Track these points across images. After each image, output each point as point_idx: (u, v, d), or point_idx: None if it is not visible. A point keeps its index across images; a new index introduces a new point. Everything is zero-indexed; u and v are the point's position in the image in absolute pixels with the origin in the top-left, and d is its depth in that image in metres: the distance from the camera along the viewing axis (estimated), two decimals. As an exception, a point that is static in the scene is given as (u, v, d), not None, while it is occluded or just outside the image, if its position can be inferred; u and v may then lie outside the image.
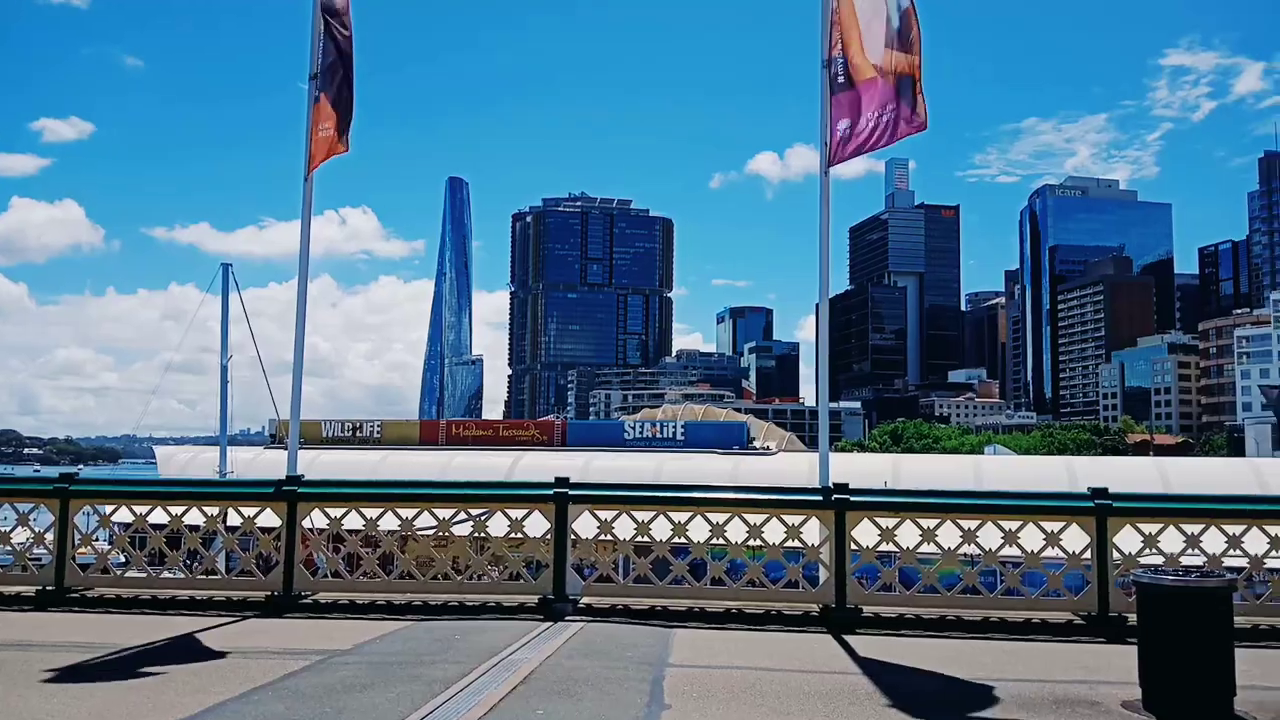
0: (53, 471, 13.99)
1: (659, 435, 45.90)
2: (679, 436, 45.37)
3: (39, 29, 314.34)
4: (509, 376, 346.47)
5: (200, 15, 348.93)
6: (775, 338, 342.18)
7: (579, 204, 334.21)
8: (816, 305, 10.72)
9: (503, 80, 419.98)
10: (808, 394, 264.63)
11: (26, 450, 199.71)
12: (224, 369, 27.24)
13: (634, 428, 48.17)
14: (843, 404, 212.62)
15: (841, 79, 9.30)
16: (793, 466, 36.75)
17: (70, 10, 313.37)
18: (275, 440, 40.71)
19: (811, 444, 63.88)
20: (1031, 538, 9.32)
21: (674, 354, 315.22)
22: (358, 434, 45.91)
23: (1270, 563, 9.28)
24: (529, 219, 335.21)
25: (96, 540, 11.94)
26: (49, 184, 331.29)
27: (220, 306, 27.49)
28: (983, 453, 66.59)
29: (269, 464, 38.21)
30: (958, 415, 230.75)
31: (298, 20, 10.34)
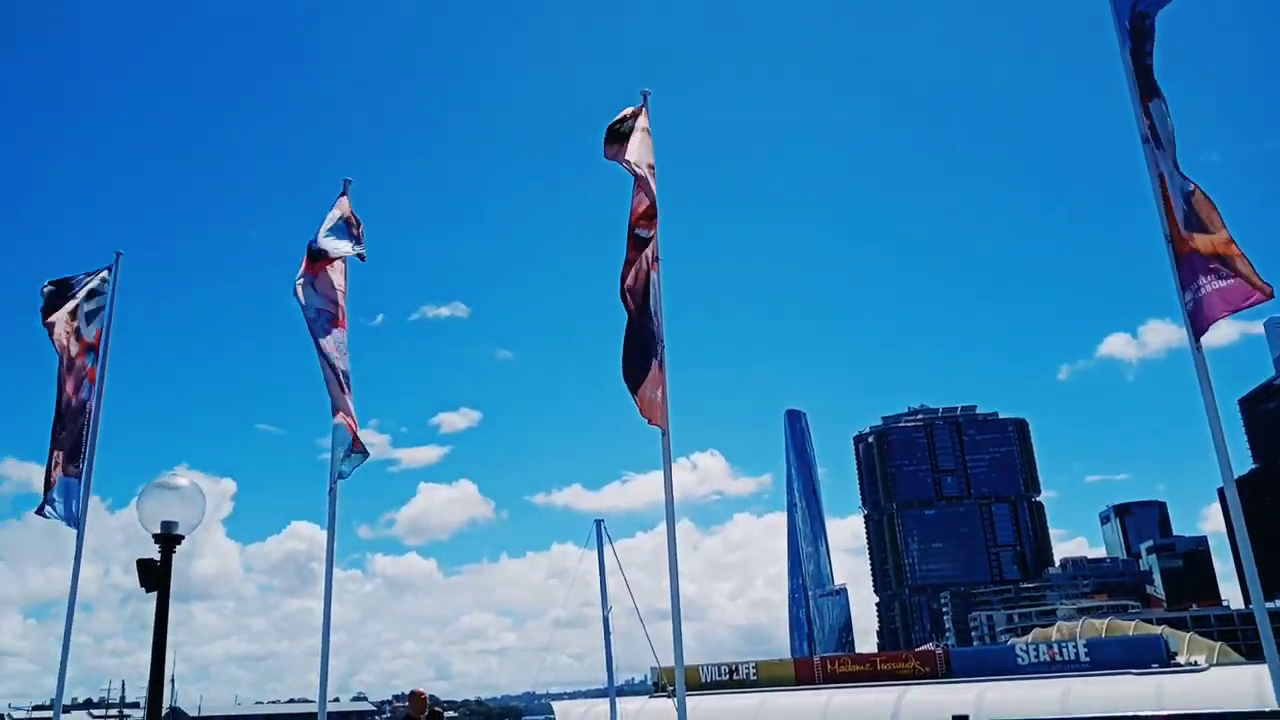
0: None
1: (1058, 658, 41.19)
2: (1082, 657, 40.42)
3: (434, 338, 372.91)
4: (876, 604, 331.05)
5: (562, 318, 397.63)
6: (1175, 533, 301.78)
7: (920, 417, 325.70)
8: (1220, 491, 9.54)
9: (827, 309, 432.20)
10: (1230, 594, 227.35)
11: (446, 714, 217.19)
12: (605, 621, 28.65)
13: (1027, 651, 43.67)
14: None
15: (1176, 249, 8.82)
16: (1233, 684, 31.11)
17: (455, 321, 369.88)
18: (658, 689, 41.44)
19: (1250, 654, 54.13)
20: None
21: (1058, 564, 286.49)
22: (734, 676, 45.60)
23: None
24: (870, 439, 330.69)
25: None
26: (448, 469, 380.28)
27: (596, 561, 29.47)
28: None
29: (655, 714, 38.76)
30: None
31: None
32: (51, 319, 13.69)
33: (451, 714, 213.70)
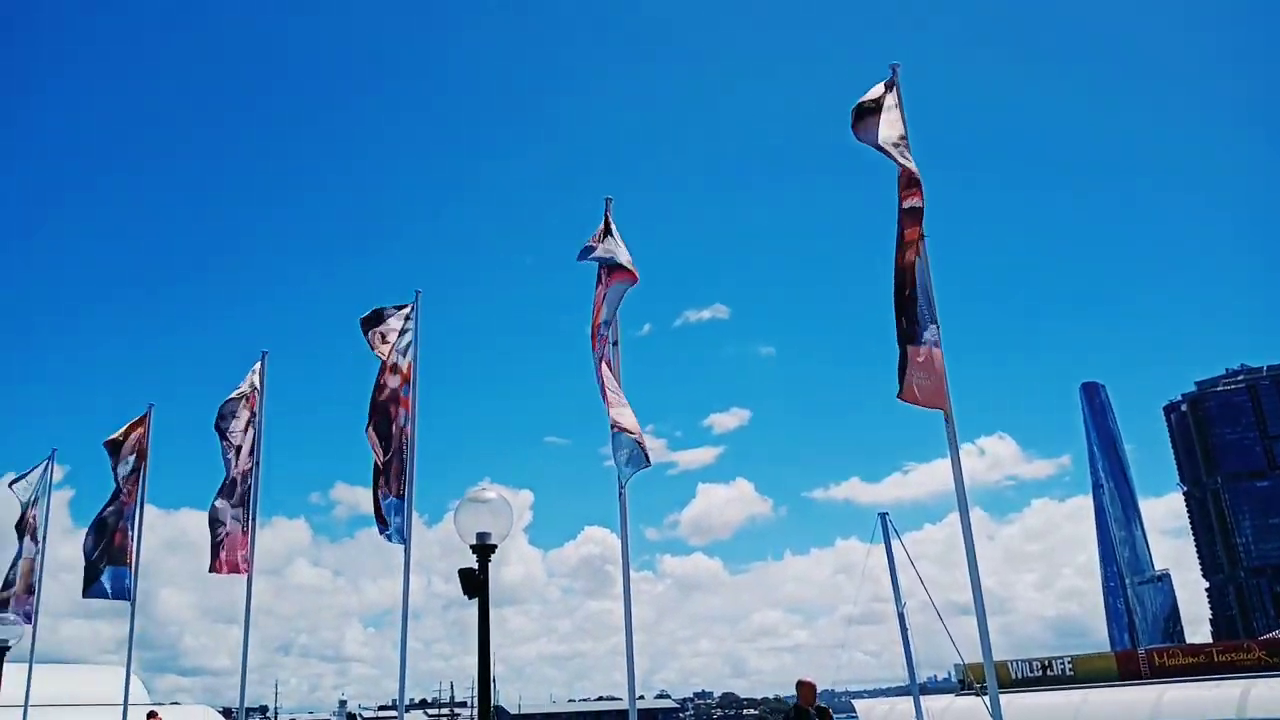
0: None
1: None
2: None
3: (698, 341, 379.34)
4: (1206, 590, 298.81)
5: (822, 309, 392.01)
6: None
7: (1241, 378, 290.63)
8: None
9: (1116, 272, 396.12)
10: None
11: (745, 711, 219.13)
12: (901, 617, 27.80)
13: (1404, 637, 37.74)
14: None
15: None
16: None
17: (717, 322, 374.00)
18: (964, 686, 39.70)
19: None
20: None
21: None
22: (1048, 672, 42.80)
23: None
24: (1184, 408, 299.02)
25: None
26: (723, 468, 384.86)
27: (885, 555, 28.79)
28: None
29: (962, 712, 37.14)
30: None
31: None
32: (375, 349, 15.43)
33: (751, 711, 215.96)
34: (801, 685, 12.43)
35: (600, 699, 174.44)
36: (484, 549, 8.31)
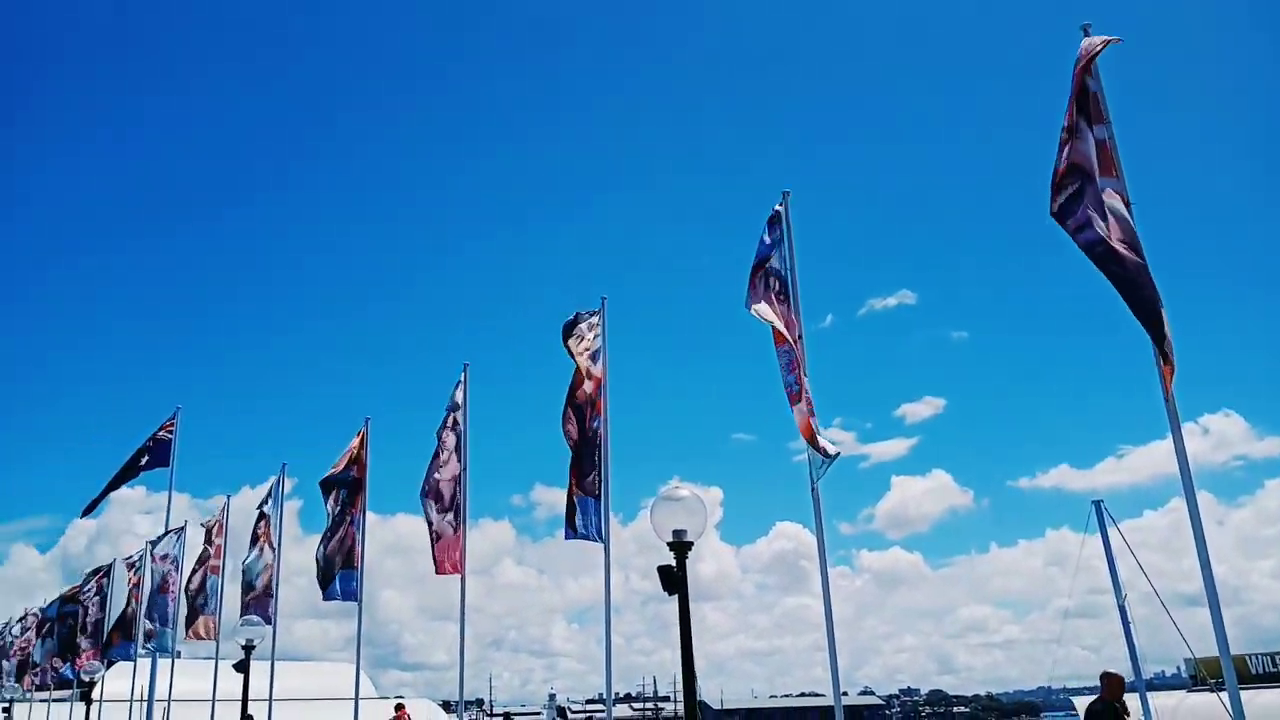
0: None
1: None
2: None
3: (885, 329, 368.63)
4: None
5: (1017, 289, 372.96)
6: None
7: None
8: None
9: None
10: None
11: (955, 709, 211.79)
12: (1122, 610, 26.05)
13: None
14: None
15: None
16: None
17: (905, 309, 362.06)
18: (1197, 681, 36.82)
19: None
20: None
21: None
22: (1295, 668, 39.05)
23: None
24: None
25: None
26: (918, 460, 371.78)
27: (1100, 545, 27.03)
28: None
29: (1195, 709, 34.51)
30: None
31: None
32: (572, 355, 16.03)
33: (961, 709, 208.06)
34: (1109, 679, 11.62)
35: (803, 695, 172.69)
36: (681, 546, 8.46)
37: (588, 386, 15.94)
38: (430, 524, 20.62)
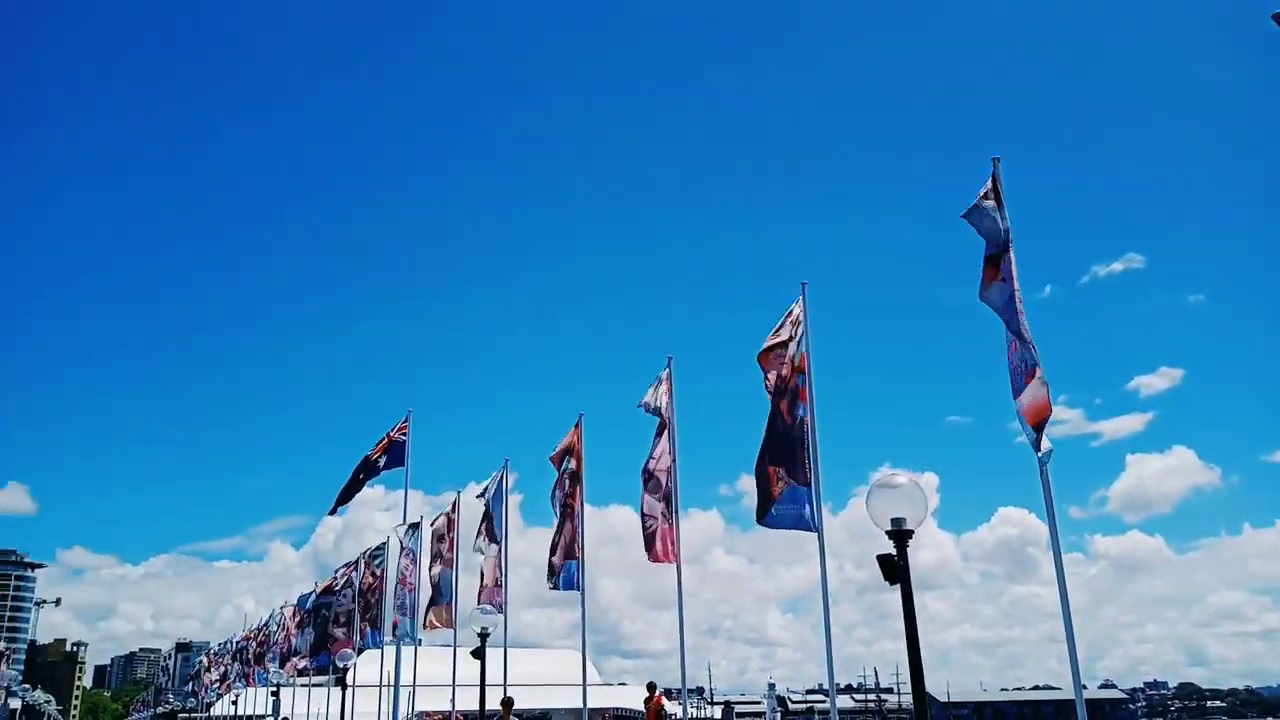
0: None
1: None
2: None
3: (1111, 297, 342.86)
4: None
5: (1259, 246, 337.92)
6: None
7: None
8: None
9: None
10: None
11: (1209, 703, 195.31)
12: None
13: None
14: None
15: None
16: None
17: (1132, 273, 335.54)
18: None
19: None
20: None
21: None
22: None
23: None
24: None
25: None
26: (1155, 436, 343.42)
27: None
28: None
29: None
30: None
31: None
32: (768, 344, 15.98)
33: (1217, 704, 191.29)
34: None
35: (1035, 688, 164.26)
36: (900, 534, 8.22)
37: (789, 375, 15.77)
38: (646, 513, 21.08)
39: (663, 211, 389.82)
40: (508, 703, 21.53)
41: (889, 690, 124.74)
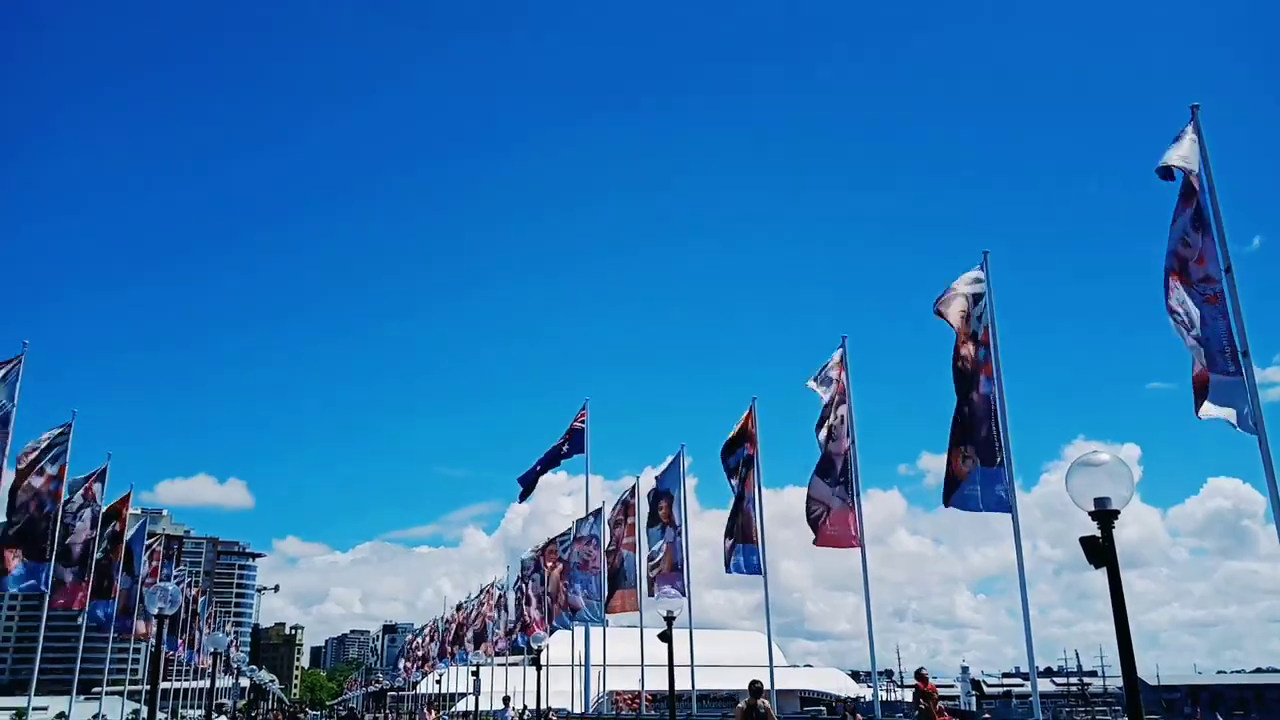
0: None
1: None
2: None
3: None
4: None
5: None
6: None
7: None
8: None
9: None
10: None
11: None
12: None
13: None
14: None
15: None
16: None
17: None
18: None
19: None
20: None
21: None
22: None
23: None
24: None
25: None
26: None
27: None
28: None
29: None
30: None
31: None
32: (950, 323, 15.46)
33: None
34: None
35: (1258, 670, 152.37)
36: (1105, 515, 7.80)
37: (971, 349, 15.20)
38: (814, 497, 20.84)
39: (832, 181, 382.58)
40: (756, 688, 21.43)
41: (1092, 673, 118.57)
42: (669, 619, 20.58)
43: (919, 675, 24.81)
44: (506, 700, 28.30)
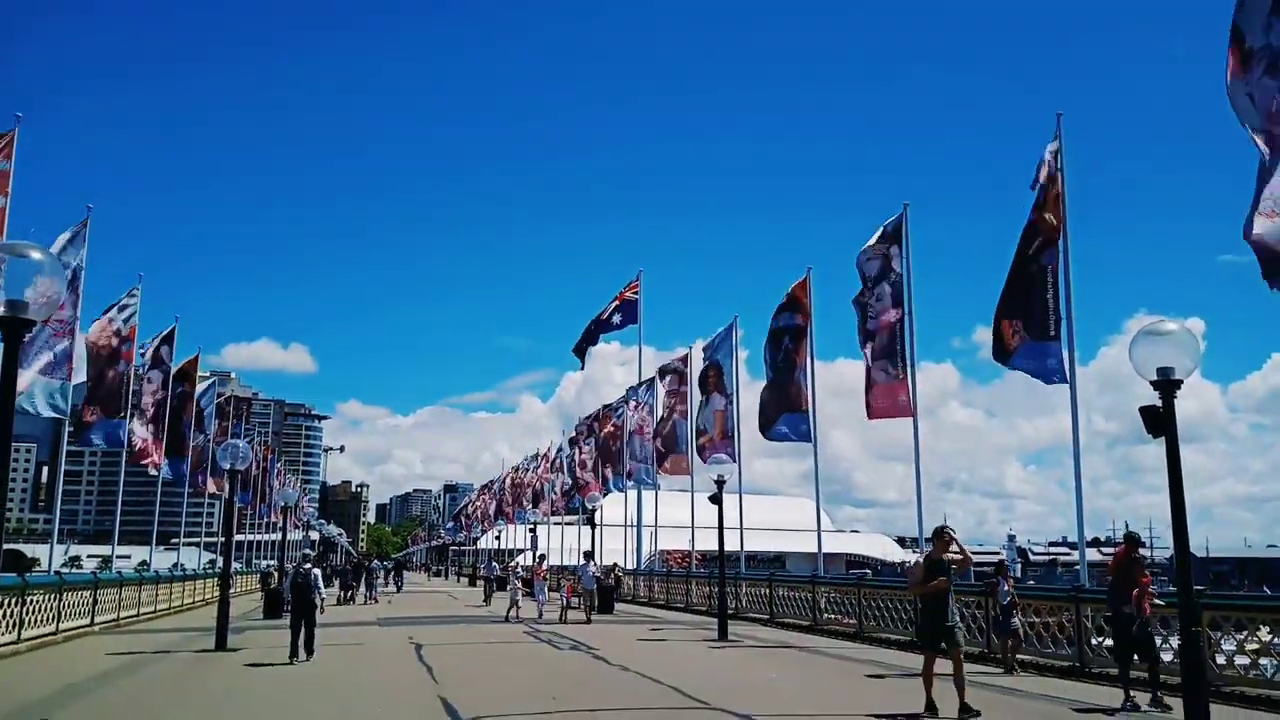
0: None
1: None
2: None
3: None
4: None
5: None
6: None
7: None
8: None
9: None
10: None
11: None
12: None
13: None
14: None
15: None
16: None
17: None
18: None
19: None
20: None
21: None
22: None
23: None
24: None
25: None
26: None
27: None
28: None
29: None
30: None
31: None
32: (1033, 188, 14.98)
33: None
34: None
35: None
36: (1167, 385, 7.62)
37: (1042, 216, 14.72)
38: (867, 369, 20.75)
39: (896, 52, 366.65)
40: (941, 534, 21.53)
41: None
42: (719, 482, 20.97)
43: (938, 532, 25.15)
44: (589, 555, 29.32)
